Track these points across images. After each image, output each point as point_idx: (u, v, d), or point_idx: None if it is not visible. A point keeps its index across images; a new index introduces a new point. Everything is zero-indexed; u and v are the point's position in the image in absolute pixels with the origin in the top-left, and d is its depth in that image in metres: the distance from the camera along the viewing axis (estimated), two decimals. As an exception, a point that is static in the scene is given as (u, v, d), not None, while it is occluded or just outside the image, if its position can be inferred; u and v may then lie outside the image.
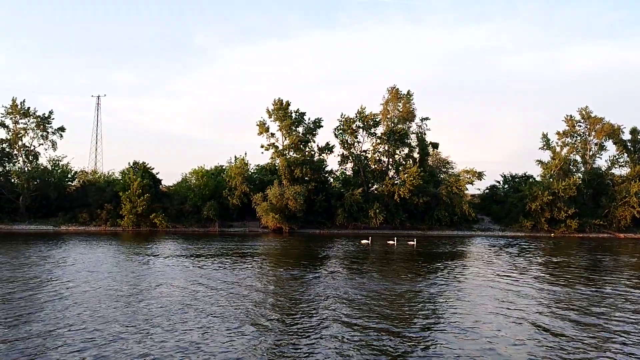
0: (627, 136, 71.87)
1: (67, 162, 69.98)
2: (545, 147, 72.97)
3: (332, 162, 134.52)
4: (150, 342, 15.74)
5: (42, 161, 68.61)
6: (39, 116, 67.19)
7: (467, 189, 68.04)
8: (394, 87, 70.14)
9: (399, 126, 69.00)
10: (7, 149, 67.13)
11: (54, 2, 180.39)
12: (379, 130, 69.34)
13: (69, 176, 70.77)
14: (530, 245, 52.58)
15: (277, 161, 67.12)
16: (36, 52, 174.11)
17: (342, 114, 68.20)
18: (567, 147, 72.17)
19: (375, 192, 69.26)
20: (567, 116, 72.16)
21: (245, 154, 69.00)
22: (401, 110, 69.63)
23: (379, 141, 69.11)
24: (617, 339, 17.05)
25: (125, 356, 14.47)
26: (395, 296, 23.52)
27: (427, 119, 70.56)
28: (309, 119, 67.39)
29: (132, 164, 66.57)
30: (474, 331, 17.69)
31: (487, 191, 76.32)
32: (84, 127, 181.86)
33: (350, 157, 69.32)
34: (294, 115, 66.28)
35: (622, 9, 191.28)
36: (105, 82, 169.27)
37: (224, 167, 70.69)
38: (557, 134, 72.42)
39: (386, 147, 69.26)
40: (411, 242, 49.80)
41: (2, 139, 66.80)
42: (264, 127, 66.81)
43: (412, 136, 70.71)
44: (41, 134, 67.46)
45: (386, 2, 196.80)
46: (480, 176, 67.60)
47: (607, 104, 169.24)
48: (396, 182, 67.18)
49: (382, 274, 30.45)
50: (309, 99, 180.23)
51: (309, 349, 15.44)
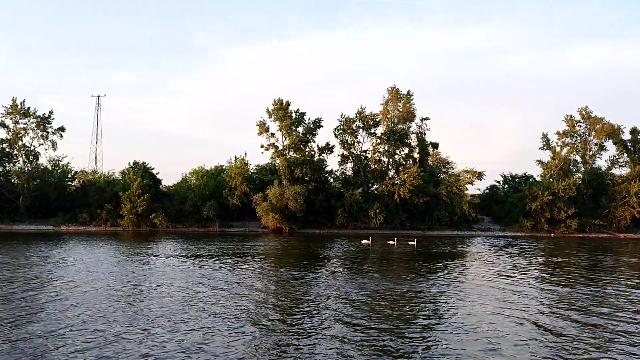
0: (627, 136, 72.10)
1: (67, 162, 70.16)
2: (545, 147, 73.06)
3: (332, 162, 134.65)
4: (151, 342, 15.73)
5: (42, 161, 68.84)
6: (39, 116, 67.26)
7: (467, 189, 68.13)
8: (394, 87, 70.29)
9: (399, 126, 69.04)
10: (7, 149, 67.19)
11: (54, 2, 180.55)
12: (379, 130, 69.50)
13: (69, 176, 70.79)
14: (530, 245, 52.60)
15: (277, 161, 67.14)
16: (36, 52, 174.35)
17: (342, 114, 68.42)
18: (567, 147, 72.26)
19: (375, 192, 69.28)
20: (567, 116, 72.28)
21: (245, 154, 69.20)
22: (401, 110, 69.67)
23: (379, 141, 69.16)
24: (619, 339, 17.05)
25: (126, 356, 14.45)
26: (396, 296, 23.51)
27: (427, 119, 70.77)
28: (309, 119, 67.51)
29: (132, 164, 66.62)
30: (475, 331, 17.68)
31: (487, 191, 76.37)
32: (84, 127, 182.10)
33: (350, 157, 69.33)
34: (294, 115, 66.30)
35: (622, 9, 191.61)
36: (105, 82, 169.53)
37: (224, 167, 70.71)
38: (557, 134, 72.56)
39: (386, 147, 69.29)
40: (411, 242, 49.80)
41: (2, 139, 66.89)
42: (264, 127, 66.82)
43: (412, 136, 70.84)
44: (41, 134, 67.54)
45: (386, 2, 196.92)
46: (480, 176, 67.67)
47: (607, 104, 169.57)
48: (396, 182, 67.20)
49: (382, 274, 30.45)
50: (309, 99, 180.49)
51: (310, 349, 15.43)
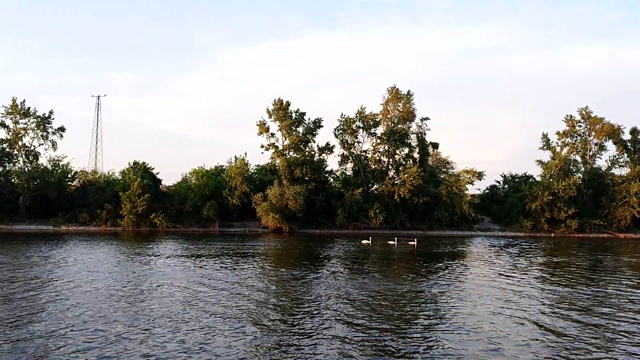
0: (627, 136, 72.16)
1: (67, 162, 70.24)
2: (545, 147, 73.09)
3: (332, 162, 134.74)
4: (152, 342, 15.72)
5: (42, 161, 68.91)
6: (39, 116, 67.26)
7: (467, 189, 68.17)
8: (394, 87, 70.32)
9: (399, 126, 69.05)
10: (7, 149, 67.20)
11: (54, 2, 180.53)
12: (379, 130, 69.53)
13: (69, 176, 70.81)
14: (530, 245, 52.60)
15: (277, 161, 67.13)
16: (36, 52, 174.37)
17: (342, 114, 68.46)
18: (567, 147, 72.29)
19: (375, 192, 69.29)
20: (567, 116, 72.30)
21: (245, 154, 69.25)
22: (401, 110, 69.69)
23: (379, 141, 69.17)
24: (621, 339, 17.04)
25: (127, 356, 14.44)
26: (397, 296, 23.51)
27: (427, 119, 70.81)
28: (309, 119, 67.53)
29: (132, 164, 66.63)
30: (477, 331, 17.67)
31: (487, 191, 76.39)
32: (84, 127, 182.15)
33: (350, 157, 69.33)
34: (294, 115, 66.30)
35: (622, 9, 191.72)
36: (105, 82, 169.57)
37: (224, 167, 70.71)
38: (557, 134, 72.60)
39: (386, 147, 69.30)
40: (412, 242, 49.80)
41: (2, 139, 66.92)
42: (264, 127, 66.81)
43: (412, 136, 70.88)
44: (41, 134, 67.56)
45: (386, 2, 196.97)
46: (480, 176, 67.70)
47: (607, 104, 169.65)
48: (396, 182, 67.21)
49: (383, 274, 30.44)
50: (309, 99, 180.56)
51: (311, 349, 15.42)
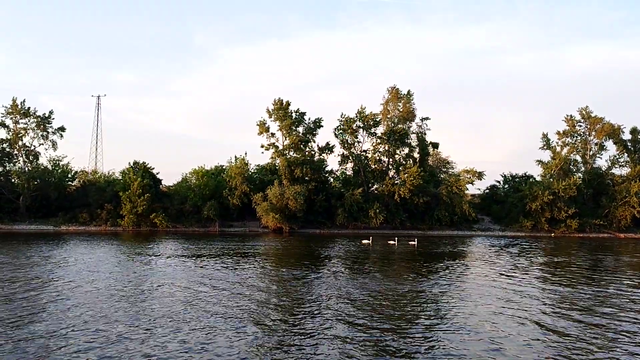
0: (627, 136, 72.22)
1: (67, 162, 70.12)
2: (545, 147, 73.13)
3: (332, 162, 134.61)
4: (153, 342, 15.70)
5: (43, 161, 68.82)
6: (39, 116, 67.21)
7: (467, 189, 68.22)
8: (394, 87, 70.35)
9: (399, 126, 69.07)
10: (7, 149, 67.13)
11: (54, 2, 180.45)
12: (379, 130, 69.54)
13: (69, 176, 70.74)
14: (530, 245, 52.62)
15: (277, 161, 67.13)
16: (36, 52, 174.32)
17: (342, 114, 68.46)
18: (567, 147, 72.32)
19: (375, 192, 69.28)
20: (567, 116, 72.33)
21: (245, 154, 69.21)
22: (401, 110, 69.72)
23: (379, 141, 69.17)
24: (622, 339, 17.03)
25: (129, 356, 14.42)
26: (397, 296, 23.50)
27: (427, 119, 70.85)
28: (309, 119, 67.52)
29: (132, 164, 66.56)
30: (478, 331, 17.67)
31: (487, 191, 76.39)
32: (84, 127, 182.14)
33: (350, 157, 69.33)
34: (294, 115, 66.29)
35: (622, 9, 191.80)
36: (105, 82, 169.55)
37: (224, 167, 70.68)
38: (557, 134, 72.64)
39: (386, 147, 69.29)
40: (412, 242, 49.81)
41: (2, 139, 66.84)
42: (264, 127, 66.79)
43: (412, 136, 70.91)
44: (41, 134, 67.50)
45: (386, 2, 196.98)
46: (480, 176, 67.74)
47: (607, 104, 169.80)
48: (396, 182, 67.21)
49: (384, 274, 30.44)
50: (309, 99, 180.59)
51: (312, 349, 15.40)
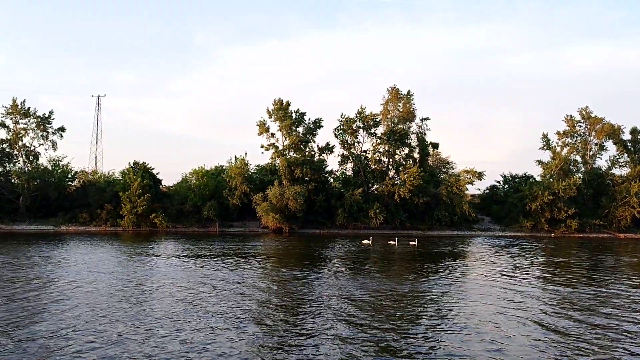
0: (627, 136, 72.11)
1: (67, 162, 70.17)
2: (545, 147, 73.06)
3: (332, 162, 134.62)
4: (154, 342, 15.69)
5: (42, 161, 68.83)
6: (39, 116, 67.20)
7: (467, 189, 68.17)
8: (394, 87, 70.35)
9: (399, 126, 69.06)
10: (7, 149, 67.13)
11: (54, 2, 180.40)
12: (379, 130, 69.52)
13: (69, 176, 70.75)
14: (530, 245, 52.62)
15: (277, 161, 67.10)
16: (36, 52, 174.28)
17: (342, 114, 68.44)
18: (567, 147, 72.26)
19: (375, 192, 69.28)
20: (567, 116, 72.28)
21: (245, 154, 69.17)
22: (401, 110, 69.71)
23: (379, 141, 69.15)
24: (624, 339, 17.01)
25: (130, 356, 14.40)
26: (398, 296, 23.49)
27: (427, 119, 70.83)
28: (309, 119, 67.51)
29: (132, 164, 66.54)
30: (479, 331, 17.65)
31: (487, 191, 76.38)
32: (84, 127, 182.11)
33: (350, 157, 69.31)
34: (294, 115, 66.27)
35: (622, 9, 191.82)
36: (105, 82, 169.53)
37: (224, 167, 70.67)
38: (557, 134, 72.56)
39: (386, 147, 69.28)
40: (412, 242, 49.81)
41: (2, 139, 66.85)
42: (264, 127, 66.77)
43: (412, 136, 70.88)
44: (41, 134, 67.50)
45: (386, 2, 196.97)
46: (480, 176, 67.72)
47: (607, 104, 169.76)
48: (396, 182, 67.21)
49: (384, 274, 30.43)
50: (309, 99, 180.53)
51: (314, 349, 15.39)
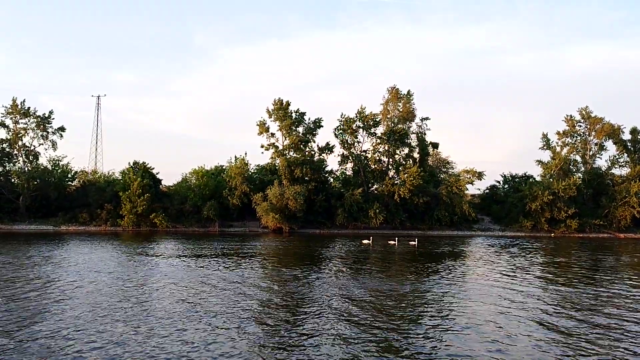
0: (627, 136, 72.19)
1: (67, 162, 70.16)
2: (545, 147, 73.10)
3: (332, 162, 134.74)
4: (155, 342, 15.68)
5: (42, 161, 68.83)
6: (39, 116, 67.18)
7: (467, 189, 68.20)
8: (394, 87, 70.35)
9: (399, 126, 69.06)
10: (7, 149, 67.10)
11: (54, 2, 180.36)
12: (379, 130, 69.52)
13: (69, 176, 70.73)
14: (531, 245, 52.62)
15: (277, 161, 67.09)
16: (36, 52, 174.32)
17: (342, 114, 68.44)
18: (567, 147, 72.30)
19: (375, 192, 69.27)
20: (567, 116, 72.32)
21: (245, 154, 69.20)
22: (401, 110, 69.71)
23: (379, 141, 69.16)
24: (626, 339, 17.01)
25: (131, 356, 14.40)
26: (399, 296, 23.49)
27: (427, 119, 70.84)
28: (309, 119, 67.49)
29: (132, 164, 66.55)
30: (481, 331, 17.65)
31: (487, 191, 76.41)
32: (84, 127, 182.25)
33: (350, 157, 69.31)
34: (294, 115, 66.27)
35: (622, 9, 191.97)
36: (105, 82, 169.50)
37: (224, 167, 70.67)
38: (557, 134, 72.62)
39: (386, 147, 69.28)
40: (412, 242, 49.81)
41: (2, 139, 66.83)
42: (264, 127, 66.76)
43: (412, 136, 70.89)
44: (41, 134, 67.48)
45: (386, 2, 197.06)
46: (480, 176, 67.72)
47: (607, 104, 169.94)
48: (396, 182, 67.21)
49: (385, 273, 30.44)
50: (309, 99, 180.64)
51: (315, 349, 15.39)
